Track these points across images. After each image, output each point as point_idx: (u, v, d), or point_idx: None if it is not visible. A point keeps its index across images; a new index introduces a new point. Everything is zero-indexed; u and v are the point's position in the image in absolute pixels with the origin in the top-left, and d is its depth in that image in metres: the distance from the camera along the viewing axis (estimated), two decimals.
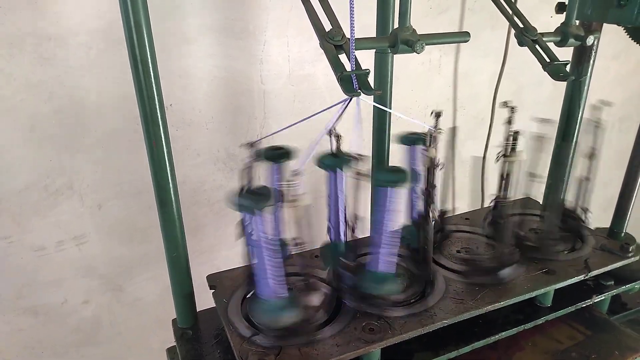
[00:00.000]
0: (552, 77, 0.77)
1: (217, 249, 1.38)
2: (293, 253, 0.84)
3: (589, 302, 0.95)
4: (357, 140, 0.83)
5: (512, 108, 0.93)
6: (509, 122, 0.95)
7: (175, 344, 0.89)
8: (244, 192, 0.71)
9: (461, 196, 1.66)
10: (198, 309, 0.94)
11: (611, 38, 1.61)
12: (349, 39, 0.65)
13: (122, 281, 1.30)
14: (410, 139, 0.91)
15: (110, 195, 1.20)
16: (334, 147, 0.82)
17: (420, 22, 0.72)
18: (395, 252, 0.80)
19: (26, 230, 1.14)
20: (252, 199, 0.69)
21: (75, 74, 1.06)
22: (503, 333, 0.86)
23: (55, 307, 1.24)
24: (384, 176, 0.75)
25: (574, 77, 0.87)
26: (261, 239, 0.70)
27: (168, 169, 0.77)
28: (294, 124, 0.79)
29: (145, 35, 0.67)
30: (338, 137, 0.81)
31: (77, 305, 1.27)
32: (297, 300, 0.78)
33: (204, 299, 0.92)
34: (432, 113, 0.87)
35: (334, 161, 0.82)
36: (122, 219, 1.23)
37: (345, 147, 0.84)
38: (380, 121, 1.02)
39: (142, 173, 1.16)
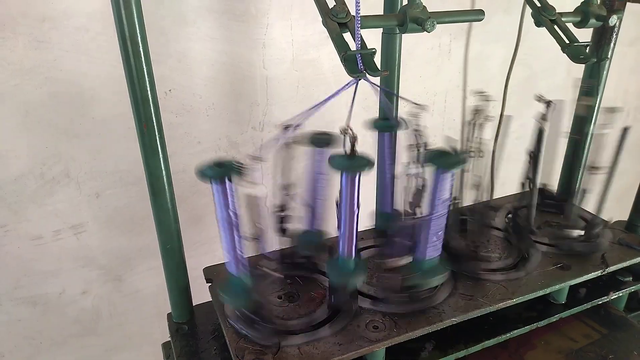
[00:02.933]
0: (571, 60, 0.72)
1: (218, 239, 1.34)
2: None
3: (605, 299, 0.90)
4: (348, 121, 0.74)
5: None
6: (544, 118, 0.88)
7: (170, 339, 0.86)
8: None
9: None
10: (200, 302, 0.91)
11: (629, 23, 1.54)
12: (354, 16, 0.60)
13: (122, 272, 1.27)
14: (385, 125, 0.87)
15: (109, 184, 1.17)
16: (348, 148, 0.69)
17: (429, 7, 0.66)
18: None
19: (22, 219, 1.11)
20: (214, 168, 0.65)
21: (71, 57, 1.02)
22: (515, 331, 0.82)
23: (53, 297, 1.22)
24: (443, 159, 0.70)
25: (595, 60, 0.82)
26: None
27: (161, 154, 0.73)
28: (309, 110, 0.73)
29: (134, 12, 0.62)
30: (355, 138, 0.68)
31: (75, 295, 1.24)
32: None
33: (205, 292, 0.89)
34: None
35: (347, 164, 0.68)
36: (121, 208, 1.20)
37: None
38: (388, 107, 0.97)
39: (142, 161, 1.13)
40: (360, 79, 0.62)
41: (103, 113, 1.09)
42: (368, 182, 0.92)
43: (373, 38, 0.88)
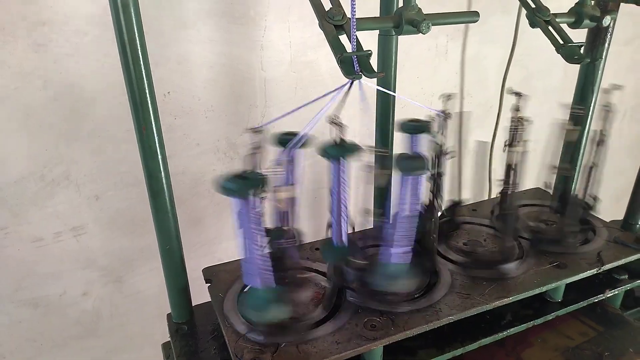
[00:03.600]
0: (566, 60, 0.73)
1: (218, 241, 1.35)
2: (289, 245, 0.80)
3: (601, 297, 0.91)
4: (362, 127, 0.78)
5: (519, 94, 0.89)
6: (517, 109, 0.90)
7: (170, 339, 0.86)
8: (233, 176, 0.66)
9: (466, 186, 1.63)
10: (200, 302, 0.91)
11: (625, 23, 1.55)
12: (349, 18, 0.61)
13: (123, 273, 1.28)
14: (414, 127, 0.86)
15: (109, 186, 1.17)
16: (336, 136, 0.75)
17: (427, 8, 0.67)
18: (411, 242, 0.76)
19: (23, 221, 1.11)
20: (238, 182, 0.64)
21: (70, 60, 1.03)
22: (511, 329, 0.83)
23: (54, 299, 1.23)
24: (407, 163, 0.71)
25: (588, 60, 0.83)
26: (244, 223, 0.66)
27: (160, 157, 0.74)
28: (293, 111, 0.75)
29: (133, 15, 0.63)
30: (340, 125, 0.74)
31: (76, 297, 1.25)
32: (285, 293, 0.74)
33: (205, 292, 0.90)
34: (440, 97, 0.83)
35: (337, 150, 0.74)
36: (121, 210, 1.21)
37: (349, 136, 0.80)
38: (384, 107, 0.98)
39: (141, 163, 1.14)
40: (356, 81, 0.62)
41: (103, 115, 1.09)
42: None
43: (370, 39, 0.89)
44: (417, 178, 0.71)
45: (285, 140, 0.79)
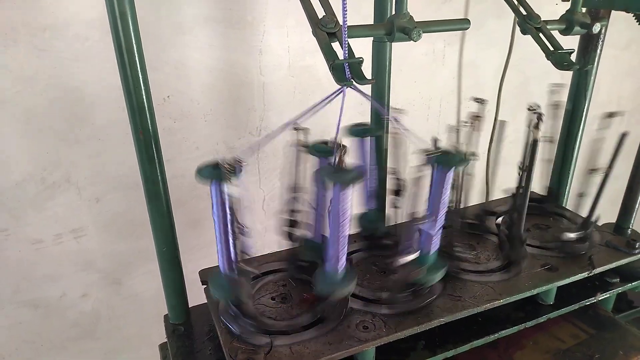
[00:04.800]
0: (556, 67, 0.74)
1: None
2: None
3: (593, 300, 0.92)
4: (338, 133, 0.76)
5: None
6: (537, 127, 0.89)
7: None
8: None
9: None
10: (197, 304, 0.93)
11: (622, 28, 1.56)
12: (342, 26, 0.62)
13: (121, 275, 1.29)
14: (360, 131, 0.89)
15: (109, 189, 1.19)
16: (337, 160, 0.70)
17: (423, 13, 0.69)
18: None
19: (23, 223, 1.13)
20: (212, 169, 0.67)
21: (71, 65, 1.04)
22: (503, 331, 0.84)
23: (54, 301, 1.24)
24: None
25: (578, 67, 0.84)
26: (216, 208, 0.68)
27: (157, 161, 0.75)
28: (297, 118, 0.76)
29: (130, 22, 0.65)
30: (344, 149, 0.69)
31: (75, 298, 1.26)
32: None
33: (203, 294, 0.91)
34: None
35: (335, 176, 0.68)
36: (120, 212, 1.22)
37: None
38: (378, 114, 0.99)
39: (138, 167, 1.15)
40: (347, 87, 0.64)
41: (102, 119, 1.11)
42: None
43: (365, 46, 0.91)
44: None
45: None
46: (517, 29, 1.42)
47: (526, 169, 0.86)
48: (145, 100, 0.70)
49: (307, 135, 0.81)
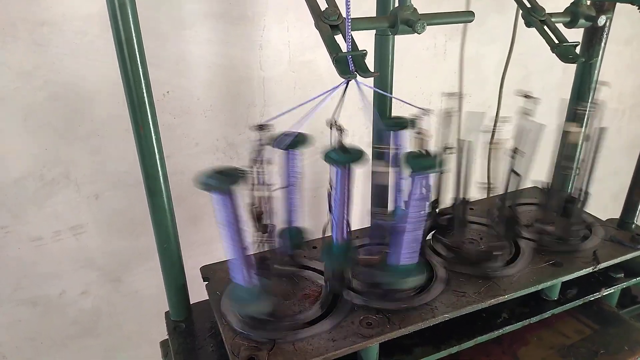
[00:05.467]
0: (560, 59, 0.73)
1: (217, 239, 1.34)
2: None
3: (597, 295, 0.91)
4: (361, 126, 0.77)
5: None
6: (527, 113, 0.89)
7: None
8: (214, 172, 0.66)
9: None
10: (199, 300, 0.92)
11: (624, 22, 1.55)
12: (345, 18, 0.61)
13: (121, 273, 1.29)
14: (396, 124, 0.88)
15: (108, 186, 1.18)
16: (336, 140, 0.72)
17: (425, 9, 0.68)
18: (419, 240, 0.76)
19: (22, 220, 1.12)
20: (219, 178, 0.65)
21: (69, 60, 1.03)
22: (507, 327, 0.83)
23: (53, 298, 1.23)
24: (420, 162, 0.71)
25: (583, 59, 0.83)
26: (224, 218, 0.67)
27: (157, 156, 0.75)
28: (290, 110, 0.75)
29: (130, 15, 0.64)
30: (341, 129, 0.71)
31: (75, 296, 1.26)
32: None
33: (204, 290, 0.90)
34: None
35: (343, 156, 0.70)
36: (120, 209, 1.21)
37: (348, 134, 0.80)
38: (381, 107, 0.98)
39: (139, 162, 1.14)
40: (351, 80, 0.63)
41: (102, 115, 1.10)
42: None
43: (368, 39, 0.90)
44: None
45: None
46: (519, 23, 1.43)
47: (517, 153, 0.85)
48: (145, 94, 0.69)
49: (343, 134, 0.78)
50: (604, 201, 1.02)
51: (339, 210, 0.73)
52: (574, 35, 0.84)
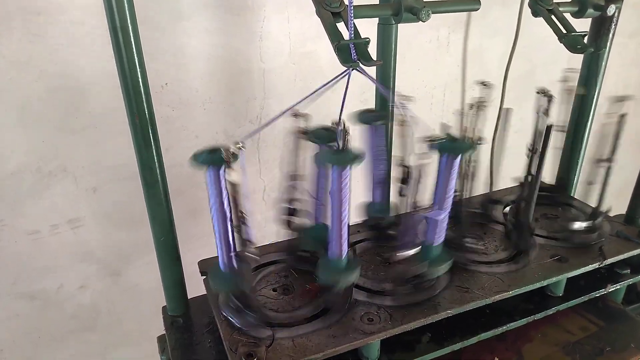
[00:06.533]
0: (568, 49, 0.72)
1: None
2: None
3: (603, 291, 0.90)
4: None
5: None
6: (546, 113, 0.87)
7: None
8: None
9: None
10: (197, 294, 0.90)
11: (629, 15, 1.53)
12: (347, 5, 0.60)
13: (120, 266, 1.27)
14: (370, 117, 0.86)
15: (106, 178, 1.16)
16: (341, 142, 0.69)
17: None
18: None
19: (19, 213, 1.11)
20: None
21: (66, 51, 1.01)
22: (511, 324, 0.82)
23: (51, 292, 1.22)
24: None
25: (592, 50, 0.81)
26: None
27: (153, 146, 0.73)
28: (295, 104, 0.73)
29: (125, 1, 0.62)
30: (346, 131, 0.69)
31: (73, 290, 1.24)
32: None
33: (202, 285, 0.89)
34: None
35: (339, 159, 0.67)
36: (118, 202, 1.20)
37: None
38: (383, 99, 0.96)
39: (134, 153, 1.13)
40: (353, 69, 0.61)
41: (100, 107, 1.08)
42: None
43: (370, 29, 0.88)
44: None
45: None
46: (524, 15, 1.41)
47: (536, 153, 0.83)
48: (141, 82, 0.67)
49: (307, 121, 0.78)
50: (608, 196, 1.00)
51: (335, 217, 0.68)
52: (581, 25, 0.82)
